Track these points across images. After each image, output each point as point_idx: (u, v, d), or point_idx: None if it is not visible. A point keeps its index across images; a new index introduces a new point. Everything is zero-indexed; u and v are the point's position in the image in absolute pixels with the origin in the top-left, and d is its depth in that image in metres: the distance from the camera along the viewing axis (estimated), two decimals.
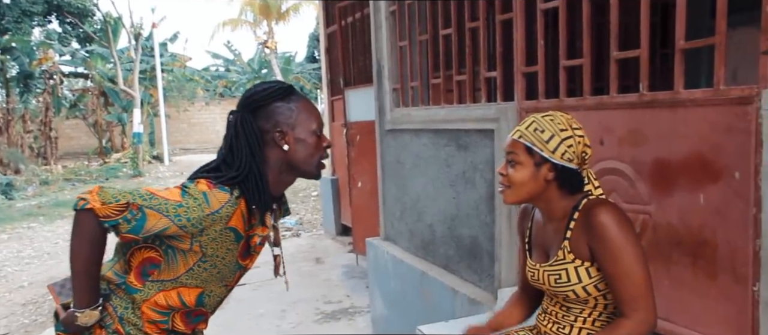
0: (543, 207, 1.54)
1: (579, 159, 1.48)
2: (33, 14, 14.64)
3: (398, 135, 3.78)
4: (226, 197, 1.36)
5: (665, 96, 1.90)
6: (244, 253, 1.50)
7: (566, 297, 1.53)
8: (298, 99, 1.46)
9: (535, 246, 1.63)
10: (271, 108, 1.43)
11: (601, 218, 1.39)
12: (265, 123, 1.42)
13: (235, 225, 1.40)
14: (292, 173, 1.48)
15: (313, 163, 1.47)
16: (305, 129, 1.44)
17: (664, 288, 1.93)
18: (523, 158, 1.46)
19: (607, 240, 1.38)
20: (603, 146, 2.18)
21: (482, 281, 2.98)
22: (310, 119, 1.45)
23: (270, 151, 1.44)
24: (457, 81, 3.17)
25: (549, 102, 2.47)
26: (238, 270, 1.54)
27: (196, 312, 1.54)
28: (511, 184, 1.49)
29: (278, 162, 1.44)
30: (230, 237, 1.42)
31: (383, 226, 4.13)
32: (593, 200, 1.48)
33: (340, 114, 6.29)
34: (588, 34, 2.23)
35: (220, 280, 1.51)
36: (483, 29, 2.92)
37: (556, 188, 1.48)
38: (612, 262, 1.39)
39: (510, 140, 1.51)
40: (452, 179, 3.17)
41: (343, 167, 6.36)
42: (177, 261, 1.43)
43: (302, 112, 1.45)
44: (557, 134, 1.44)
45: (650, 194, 1.99)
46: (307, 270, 6.07)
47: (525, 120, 1.49)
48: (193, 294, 1.48)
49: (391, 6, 3.72)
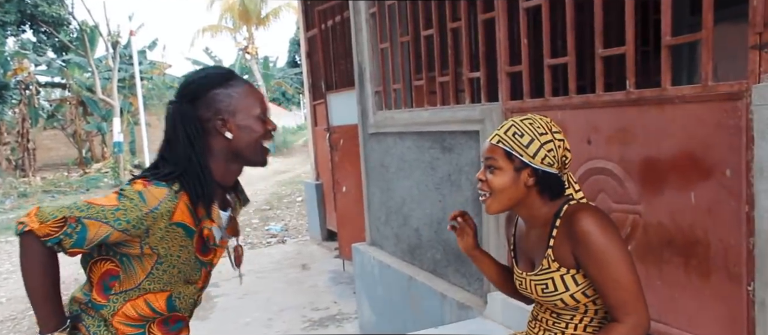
0: (524, 214, 1.49)
1: (559, 163, 1.42)
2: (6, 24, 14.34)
3: (382, 138, 3.72)
4: (163, 193, 1.31)
5: (653, 93, 1.86)
6: (202, 248, 1.43)
7: (555, 305, 1.48)
8: (238, 84, 1.40)
9: (521, 254, 1.58)
10: (211, 96, 1.37)
11: (583, 225, 1.33)
12: (206, 112, 1.36)
13: (180, 220, 1.34)
14: (238, 161, 1.42)
15: (257, 149, 1.41)
16: (248, 115, 1.38)
17: (656, 289, 1.90)
18: (503, 163, 1.41)
19: (591, 247, 1.33)
20: (590, 145, 2.14)
21: (471, 285, 2.93)
22: (253, 104, 1.39)
23: (213, 140, 1.38)
24: (440, 82, 3.12)
25: (534, 102, 2.43)
26: (201, 266, 1.47)
27: (172, 318, 1.48)
28: (492, 190, 1.43)
29: (222, 151, 1.39)
30: (179, 233, 1.36)
31: (369, 231, 4.07)
32: (574, 205, 1.42)
33: (323, 118, 6.22)
34: (572, 32, 2.19)
35: (185, 280, 1.45)
36: (465, 29, 2.87)
37: (537, 193, 1.43)
38: (598, 269, 1.33)
39: (488, 144, 1.45)
40: (437, 182, 3.12)
41: (328, 172, 6.28)
42: (134, 267, 1.38)
43: (243, 97, 1.38)
44: (537, 138, 1.39)
45: (640, 193, 1.95)
46: (293, 277, 5.98)
47: (503, 124, 1.44)
48: (161, 299, 1.43)
49: (371, 7, 3.67)
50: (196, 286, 1.50)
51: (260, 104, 1.41)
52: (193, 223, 1.37)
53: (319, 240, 7.28)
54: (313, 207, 7.38)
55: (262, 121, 1.40)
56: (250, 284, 5.83)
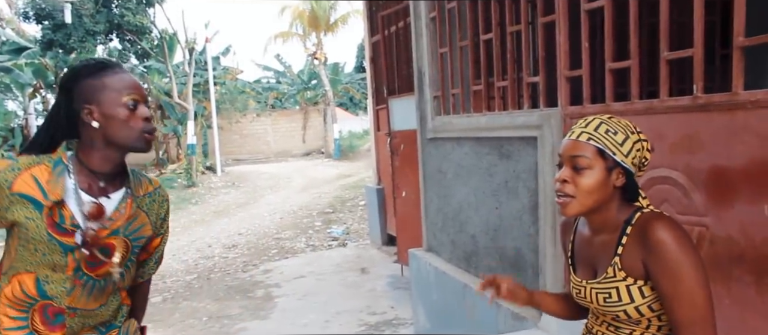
0: (596, 219, 1.40)
1: (640, 165, 1.36)
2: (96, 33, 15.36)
3: (440, 144, 3.70)
4: (6, 164, 1.38)
5: (722, 98, 1.75)
6: (56, 227, 1.38)
7: (616, 317, 1.40)
8: (109, 73, 1.42)
9: (580, 261, 1.50)
10: (81, 86, 1.41)
11: (660, 234, 1.25)
12: (77, 102, 1.41)
13: (23, 191, 1.37)
14: (113, 147, 1.44)
15: (131, 136, 1.42)
16: (113, 103, 1.40)
17: (724, 308, 1.77)
18: (594, 161, 1.31)
19: (666, 259, 1.25)
20: (653, 153, 2.03)
21: None
22: (120, 92, 1.41)
23: (84, 129, 1.42)
24: (499, 87, 3.06)
25: (594, 107, 2.34)
26: (65, 250, 1.40)
27: (48, 307, 1.43)
28: (578, 192, 1.33)
29: (94, 139, 1.42)
30: (25, 205, 1.37)
31: (426, 237, 4.05)
32: (648, 213, 1.33)
33: (385, 123, 6.25)
34: (635, 34, 2.09)
35: (46, 262, 1.40)
36: (525, 33, 2.81)
37: (619, 197, 1.36)
38: (671, 283, 1.25)
39: (572, 142, 1.35)
40: (494, 189, 3.06)
41: (388, 177, 6.30)
42: (10, 246, 1.43)
43: (109, 86, 1.41)
44: (630, 137, 1.32)
45: (706, 204, 1.83)
46: (352, 281, 6.04)
47: (586, 121, 1.35)
48: (30, 281, 1.42)
49: (431, 11, 3.65)
50: (65, 274, 1.42)
51: (130, 91, 1.42)
52: (41, 196, 1.38)
53: (379, 245, 7.31)
54: (373, 212, 7.43)
55: (129, 109, 1.41)
56: (310, 286, 5.94)
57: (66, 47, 14.92)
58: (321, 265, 6.80)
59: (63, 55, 14.96)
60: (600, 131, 1.33)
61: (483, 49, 3.15)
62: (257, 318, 5.10)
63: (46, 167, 1.39)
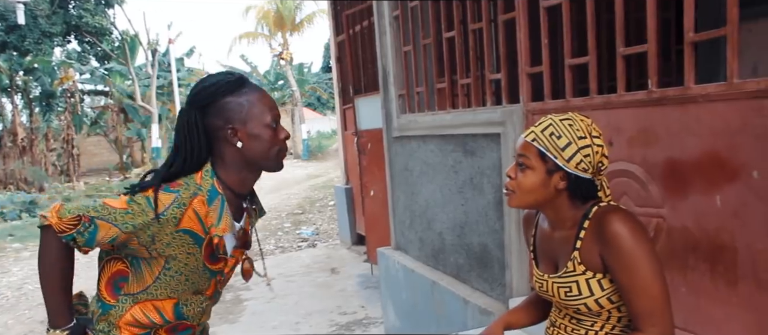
0: (550, 215, 1.43)
1: (594, 169, 1.37)
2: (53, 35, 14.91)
3: (405, 142, 3.71)
4: (170, 198, 1.31)
5: (675, 92, 1.79)
6: (211, 257, 1.41)
7: (577, 310, 1.43)
8: (250, 91, 1.37)
9: (542, 255, 1.52)
10: (221, 103, 1.34)
11: (615, 228, 1.28)
12: (217, 120, 1.35)
13: (188, 227, 1.33)
14: (251, 169, 1.40)
15: (271, 157, 1.39)
16: (259, 123, 1.35)
17: (681, 296, 1.82)
18: (535, 162, 1.35)
19: (621, 251, 1.27)
20: (612, 146, 2.07)
21: (493, 290, 2.88)
22: (264, 112, 1.36)
23: (224, 149, 1.37)
24: (462, 85, 3.08)
25: (556, 103, 2.38)
26: (211, 276, 1.46)
27: (179, 325, 1.47)
28: (518, 189, 1.38)
29: (234, 160, 1.37)
30: (187, 241, 1.35)
31: (394, 235, 4.05)
32: (604, 207, 1.36)
33: (352, 123, 6.24)
34: (593, 30, 2.13)
35: (193, 288, 1.44)
36: (486, 30, 2.83)
37: (567, 197, 1.37)
38: (627, 274, 1.28)
39: (523, 141, 1.39)
40: (460, 186, 3.08)
41: (357, 176, 6.29)
42: (142, 271, 1.39)
43: (254, 105, 1.35)
44: (575, 142, 1.32)
45: (663, 196, 1.88)
46: (322, 281, 6.01)
47: (542, 121, 1.38)
48: (169, 306, 1.42)
49: (394, 10, 3.66)
50: (205, 295, 1.49)
51: (271, 112, 1.38)
52: (201, 231, 1.35)
53: (349, 244, 7.30)
54: (343, 211, 7.41)
55: (272, 129, 1.38)
56: (280, 288, 5.89)
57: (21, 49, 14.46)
58: (291, 266, 6.75)
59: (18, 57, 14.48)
60: (545, 134, 1.35)
61: (446, 47, 3.17)
62: (226, 322, 5.03)
63: (202, 199, 1.35)
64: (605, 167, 1.39)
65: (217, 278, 1.48)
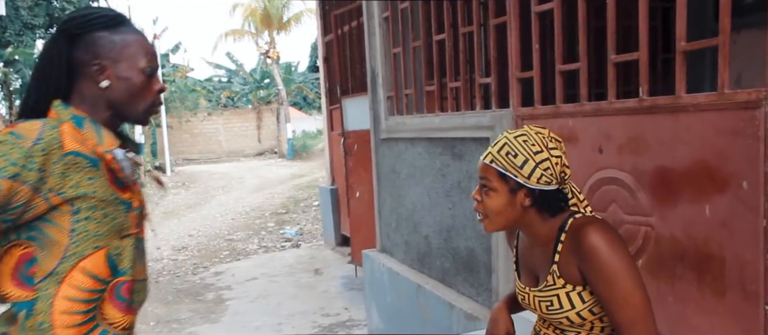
0: (526, 232, 1.42)
1: (558, 180, 1.35)
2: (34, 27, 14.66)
3: (393, 144, 3.68)
4: (37, 124, 1.12)
5: (666, 101, 1.79)
6: (116, 182, 1.22)
7: (560, 323, 1.42)
8: (128, 31, 1.24)
9: (523, 268, 1.51)
10: (93, 37, 1.20)
11: (591, 240, 1.27)
12: (83, 54, 1.20)
13: (74, 148, 1.15)
14: (112, 115, 1.25)
15: (139, 107, 1.26)
16: (131, 66, 1.22)
17: (668, 306, 1.82)
18: (497, 184, 1.34)
19: (599, 264, 1.26)
20: (602, 154, 2.07)
21: (479, 295, 2.86)
22: (139, 55, 1.23)
23: (86, 87, 1.21)
24: (451, 88, 3.07)
25: (545, 109, 2.37)
26: (126, 208, 1.24)
27: (121, 286, 1.23)
28: (487, 212, 1.37)
29: (96, 102, 1.22)
30: (82, 164, 1.15)
31: (379, 237, 4.03)
32: (580, 219, 1.35)
33: (339, 123, 6.21)
34: (584, 36, 2.13)
35: (116, 227, 1.22)
36: (477, 34, 2.82)
37: (536, 212, 1.36)
38: (606, 287, 1.27)
39: (481, 163, 1.37)
40: (448, 189, 3.07)
41: (342, 177, 6.26)
42: (51, 236, 1.15)
43: (130, 46, 1.22)
44: (531, 158, 1.31)
45: (652, 204, 1.88)
46: (305, 282, 5.96)
47: (497, 140, 1.36)
48: (100, 260, 1.18)
49: (384, 11, 3.63)
50: (131, 237, 1.26)
51: (148, 58, 1.25)
52: (89, 151, 1.17)
53: (333, 245, 7.26)
54: (327, 212, 7.37)
55: (146, 76, 1.25)
56: (263, 288, 5.83)
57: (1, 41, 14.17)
58: (274, 267, 6.70)
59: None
60: (501, 154, 1.34)
61: (436, 49, 3.16)
62: (208, 322, 4.97)
63: (70, 125, 1.17)
64: (568, 176, 1.38)
65: (133, 213, 1.27)
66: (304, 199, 11.59)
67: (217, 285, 6.13)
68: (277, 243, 8.05)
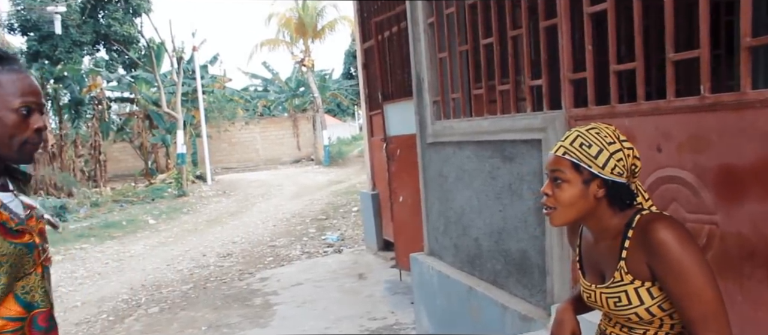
0: (593, 226, 1.43)
1: (629, 173, 1.37)
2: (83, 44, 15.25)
3: (440, 148, 3.71)
4: None
5: (731, 98, 1.78)
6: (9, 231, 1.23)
7: (628, 319, 1.42)
8: (2, 71, 1.23)
9: (588, 266, 1.51)
10: None
11: (661, 236, 1.27)
12: None
13: None
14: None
15: (13, 145, 1.23)
16: (2, 105, 1.21)
17: (737, 305, 1.80)
18: (570, 175, 1.35)
19: (669, 259, 1.26)
20: (661, 153, 2.06)
21: (533, 296, 2.86)
22: (12, 95, 1.22)
23: None
24: (500, 91, 3.09)
25: (600, 109, 2.37)
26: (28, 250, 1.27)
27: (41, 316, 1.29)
28: (558, 204, 1.37)
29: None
30: None
31: (427, 241, 4.05)
32: (648, 215, 1.35)
33: (379, 129, 6.26)
34: (640, 36, 2.13)
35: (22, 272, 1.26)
36: (526, 36, 2.83)
37: (607, 205, 1.37)
38: (677, 282, 1.27)
39: (553, 157, 1.39)
40: (498, 192, 3.08)
41: (384, 182, 6.31)
42: None
43: (2, 85, 1.21)
44: (606, 148, 1.33)
45: (716, 202, 1.86)
46: (350, 287, 6.02)
47: (567, 134, 1.39)
48: (11, 304, 1.24)
49: (429, 18, 3.67)
50: (37, 272, 1.29)
51: (23, 96, 1.23)
52: None
53: (375, 250, 7.31)
54: (369, 217, 7.43)
55: (21, 115, 1.23)
56: (308, 293, 5.92)
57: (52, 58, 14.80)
58: (317, 272, 6.78)
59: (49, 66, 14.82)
60: (575, 145, 1.35)
61: (483, 53, 3.18)
62: (257, 326, 5.07)
63: None
64: (638, 170, 1.38)
65: (36, 251, 1.29)
66: (343, 205, 11.70)
67: (263, 291, 6.24)
68: (320, 249, 8.15)
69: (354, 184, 14.91)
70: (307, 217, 10.81)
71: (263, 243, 8.86)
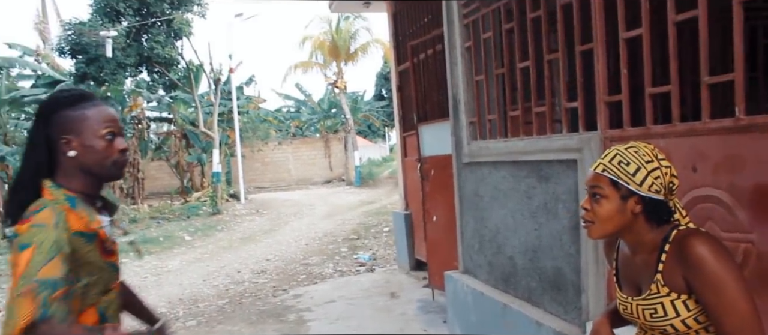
0: (630, 240, 1.49)
1: (666, 190, 1.43)
2: (127, 66, 15.83)
3: (476, 168, 3.80)
4: (49, 212, 1.37)
5: (765, 120, 1.84)
6: (105, 251, 1.49)
7: (664, 331, 1.47)
8: (87, 105, 1.48)
9: (625, 279, 1.58)
10: (58, 116, 1.46)
11: (698, 250, 1.33)
12: (54, 131, 1.46)
13: (77, 228, 1.41)
14: (90, 176, 1.49)
15: (106, 165, 1.48)
16: (92, 135, 1.46)
17: None
18: (609, 191, 1.42)
19: (705, 272, 1.32)
20: (696, 173, 2.12)
21: (568, 313, 2.91)
22: (98, 124, 1.47)
23: (62, 158, 1.47)
24: (536, 113, 3.18)
25: (635, 130, 2.44)
26: (113, 270, 1.53)
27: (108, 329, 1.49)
28: (596, 219, 1.45)
29: (72, 168, 1.47)
30: (81, 242, 1.41)
31: (462, 259, 4.12)
32: (684, 230, 1.42)
33: (413, 149, 6.37)
34: (675, 60, 2.20)
35: (104, 289, 1.50)
36: (562, 60, 2.93)
37: (644, 220, 1.43)
38: (714, 295, 1.32)
39: (592, 173, 1.47)
40: (533, 211, 3.15)
41: (417, 202, 6.39)
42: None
43: (88, 118, 1.46)
44: (643, 166, 1.41)
45: (752, 221, 1.91)
46: (382, 305, 6.09)
47: (607, 153, 1.46)
48: (92, 314, 1.46)
49: (466, 42, 3.80)
50: (115, 290, 1.55)
51: (106, 124, 1.48)
52: (87, 228, 1.43)
53: (407, 270, 7.36)
54: (401, 237, 7.49)
55: (107, 140, 1.47)
56: (341, 310, 6.00)
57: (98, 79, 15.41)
58: (350, 290, 6.86)
59: (94, 86, 15.44)
60: (613, 163, 1.43)
61: (519, 76, 3.28)
62: None
63: (65, 206, 1.43)
64: (676, 187, 1.44)
65: (117, 273, 1.55)
66: (375, 225, 11.79)
67: (297, 307, 6.35)
68: (352, 268, 8.24)
69: (385, 205, 15.01)
70: (339, 236, 10.94)
71: (296, 261, 9.01)
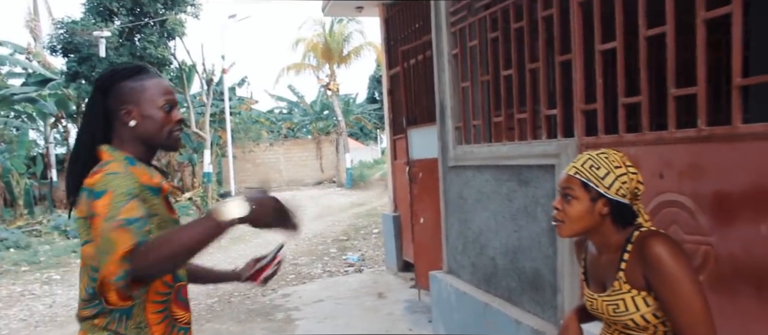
0: (597, 240, 1.62)
1: (631, 195, 1.56)
2: None
3: (461, 171, 3.93)
4: (118, 164, 1.42)
5: (724, 131, 1.97)
6: (169, 208, 1.55)
7: (626, 325, 1.59)
8: (146, 77, 1.53)
9: (592, 277, 1.70)
10: (118, 87, 1.50)
11: (656, 250, 1.44)
12: (113, 102, 1.50)
13: (144, 182, 1.45)
14: (146, 146, 1.54)
15: (163, 135, 1.53)
16: (151, 105, 1.51)
17: (730, 319, 1.96)
18: (579, 193, 1.54)
19: (662, 271, 1.43)
20: (663, 179, 2.25)
21: (545, 312, 3.03)
22: (157, 95, 1.52)
23: (121, 129, 1.51)
24: (518, 119, 3.30)
25: (609, 138, 2.57)
26: (176, 224, 1.55)
27: (183, 289, 1.57)
28: (567, 218, 1.56)
29: (130, 138, 1.51)
30: (149, 195, 1.45)
31: (446, 259, 4.24)
32: (645, 231, 1.53)
33: (403, 152, 6.49)
34: (645, 73, 2.33)
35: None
36: (543, 69, 3.05)
37: (610, 222, 1.55)
38: (669, 292, 1.43)
39: (565, 175, 1.59)
40: (514, 213, 3.27)
41: (405, 204, 6.50)
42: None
43: (148, 89, 1.51)
44: (612, 171, 1.52)
45: (711, 225, 2.04)
46: (370, 305, 6.19)
47: (579, 157, 1.58)
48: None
49: (454, 49, 3.92)
50: None
51: (165, 96, 1.52)
52: (150, 182, 1.47)
53: (395, 270, 7.46)
54: (390, 238, 7.60)
55: (165, 111, 1.52)
56: (329, 309, 6.10)
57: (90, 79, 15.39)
58: (338, 290, 6.95)
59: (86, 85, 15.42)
60: (585, 166, 1.55)
61: (503, 83, 3.41)
62: None
63: (126, 163, 1.47)
64: (641, 193, 1.56)
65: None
66: (365, 226, 11.89)
67: (285, 306, 6.44)
68: (341, 268, 8.33)
69: (375, 207, 15.10)
70: (328, 237, 11.02)
71: (286, 261, 9.07)
